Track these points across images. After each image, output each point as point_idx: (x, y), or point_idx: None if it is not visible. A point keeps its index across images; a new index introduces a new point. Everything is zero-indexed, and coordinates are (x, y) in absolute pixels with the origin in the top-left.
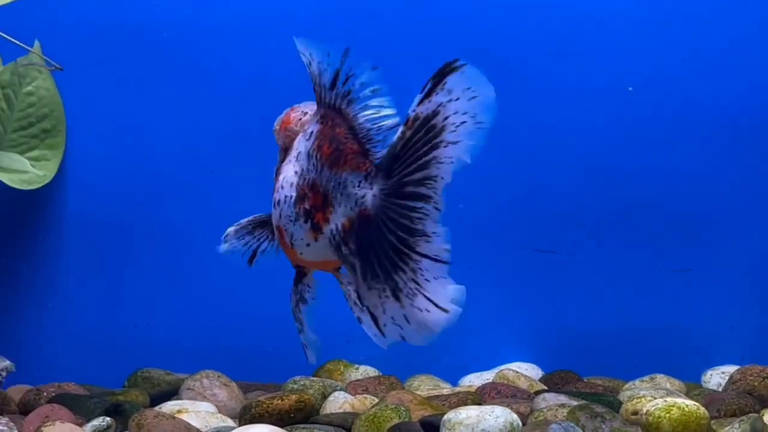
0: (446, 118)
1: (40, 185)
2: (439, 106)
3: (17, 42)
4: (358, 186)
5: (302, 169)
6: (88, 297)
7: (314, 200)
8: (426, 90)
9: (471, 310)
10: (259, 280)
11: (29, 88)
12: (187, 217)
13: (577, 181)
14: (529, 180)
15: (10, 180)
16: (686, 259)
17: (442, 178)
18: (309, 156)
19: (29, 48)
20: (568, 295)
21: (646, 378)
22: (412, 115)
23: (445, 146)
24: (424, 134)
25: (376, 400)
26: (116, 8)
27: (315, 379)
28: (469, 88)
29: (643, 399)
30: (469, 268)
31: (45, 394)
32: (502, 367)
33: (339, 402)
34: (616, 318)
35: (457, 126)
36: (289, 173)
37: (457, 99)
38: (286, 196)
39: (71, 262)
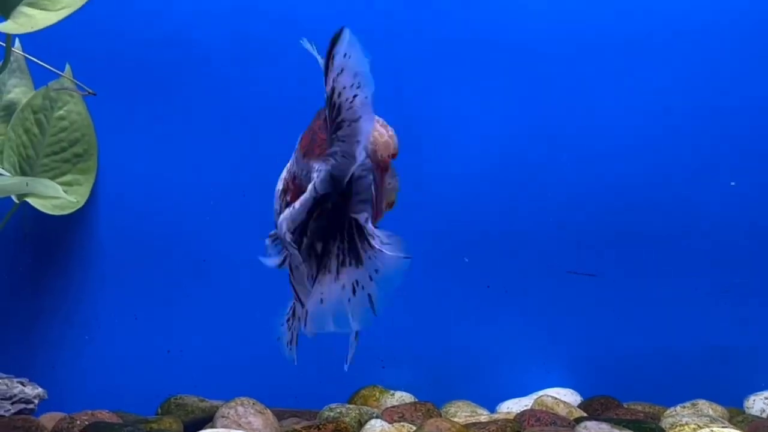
0: (339, 94)
1: (73, 210)
2: (333, 81)
3: (48, 66)
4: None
5: (290, 163)
6: (121, 322)
7: (294, 192)
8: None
9: (507, 334)
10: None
11: (61, 112)
12: (220, 242)
13: (613, 203)
14: (564, 202)
15: (43, 206)
16: (725, 281)
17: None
18: (295, 149)
19: (60, 72)
20: (605, 318)
21: (688, 404)
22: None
23: (348, 124)
24: (330, 113)
25: (413, 427)
26: (147, 31)
27: (351, 406)
28: (348, 56)
29: (686, 427)
30: (505, 291)
31: (78, 422)
32: (540, 393)
33: (376, 430)
34: (654, 342)
35: (351, 101)
36: (284, 168)
37: (342, 71)
38: (276, 190)
39: (103, 287)
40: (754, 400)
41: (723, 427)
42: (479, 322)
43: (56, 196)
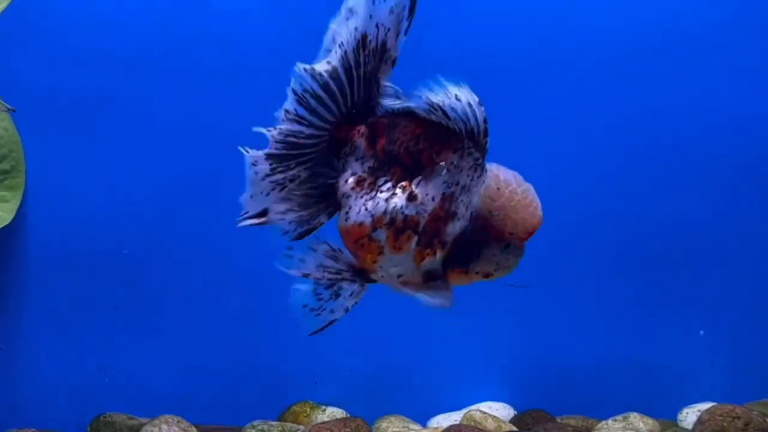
0: None
1: (0, 227)
2: None
3: None
4: None
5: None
6: (51, 340)
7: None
8: None
9: (442, 347)
10: (223, 323)
11: None
12: (150, 258)
13: (553, 216)
14: None
15: None
16: (658, 294)
17: None
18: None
19: None
20: (539, 331)
21: (620, 417)
22: None
23: None
24: None
25: None
26: (73, 45)
27: (274, 423)
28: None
29: None
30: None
31: None
32: (472, 407)
33: None
34: (589, 354)
35: None
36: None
37: None
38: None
39: (32, 304)
40: (687, 413)
41: None
42: (413, 335)
43: None
